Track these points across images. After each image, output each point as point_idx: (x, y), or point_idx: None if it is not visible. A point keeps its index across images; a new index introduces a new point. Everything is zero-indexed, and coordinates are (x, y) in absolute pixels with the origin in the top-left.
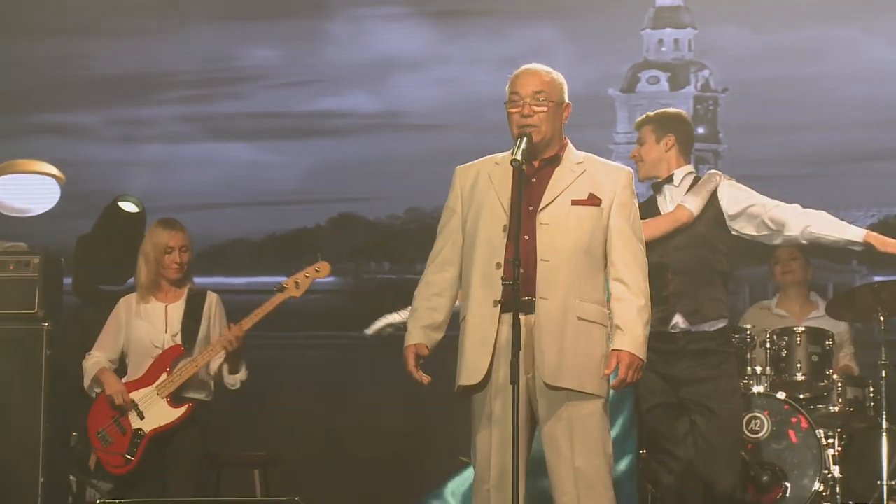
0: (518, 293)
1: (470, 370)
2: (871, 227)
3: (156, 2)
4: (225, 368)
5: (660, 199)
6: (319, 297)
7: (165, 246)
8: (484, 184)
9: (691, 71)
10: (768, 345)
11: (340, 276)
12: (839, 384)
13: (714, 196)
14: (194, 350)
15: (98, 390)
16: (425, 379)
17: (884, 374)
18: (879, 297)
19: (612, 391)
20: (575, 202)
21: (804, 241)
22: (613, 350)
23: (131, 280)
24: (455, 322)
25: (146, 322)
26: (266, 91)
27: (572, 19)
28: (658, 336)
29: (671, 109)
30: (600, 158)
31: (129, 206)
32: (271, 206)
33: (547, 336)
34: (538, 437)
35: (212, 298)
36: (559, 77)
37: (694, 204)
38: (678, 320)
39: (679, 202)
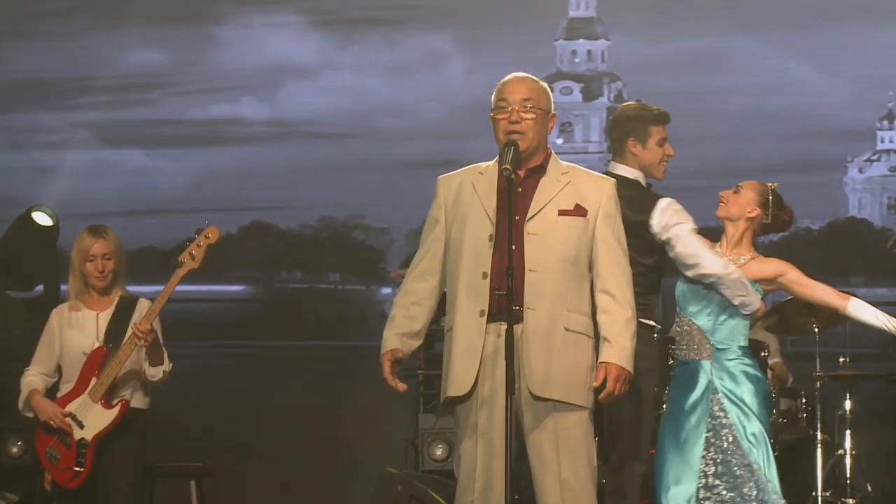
0: (511, 303)
1: (457, 381)
2: (782, 240)
3: (45, 7)
4: (147, 364)
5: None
6: (230, 305)
7: (87, 254)
8: (468, 193)
9: (604, 82)
10: None
11: (251, 284)
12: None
13: None
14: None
15: (30, 414)
16: (401, 387)
17: (818, 385)
18: (813, 309)
19: None
20: (562, 212)
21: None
22: (601, 362)
23: (40, 287)
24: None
25: (77, 331)
26: (166, 97)
27: (479, 29)
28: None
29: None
30: (584, 169)
31: (42, 219)
32: (180, 213)
33: (534, 346)
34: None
35: (143, 305)
36: (546, 86)
37: (866, 315)
38: None
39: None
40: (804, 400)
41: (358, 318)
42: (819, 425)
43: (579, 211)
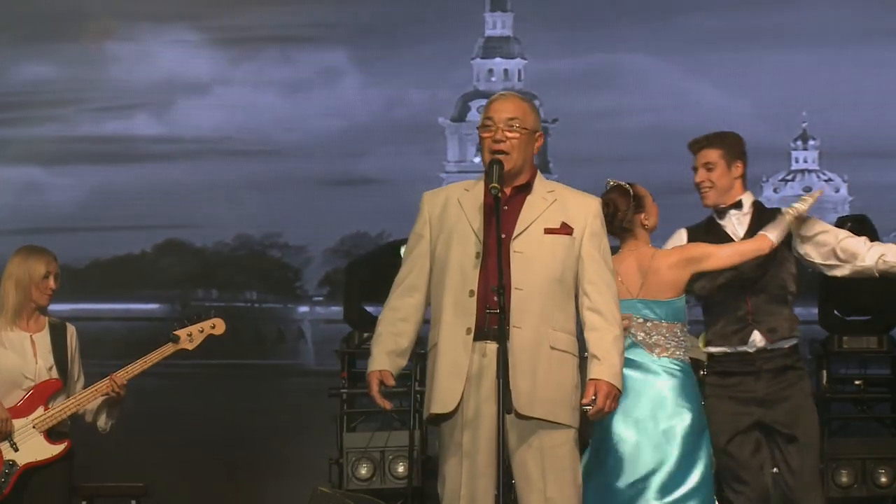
0: (503, 322)
1: (442, 398)
2: None
3: None
4: (104, 415)
5: (725, 224)
6: (145, 324)
7: (43, 272)
8: (454, 210)
9: None
10: None
11: (167, 303)
12: None
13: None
14: (68, 385)
15: None
16: (388, 405)
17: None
18: None
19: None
20: (548, 231)
21: (877, 273)
22: (591, 379)
23: None
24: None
25: (12, 352)
26: (60, 113)
27: (391, 47)
28: (736, 358)
29: (732, 134)
30: (569, 187)
31: None
32: (93, 231)
33: (520, 365)
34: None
35: (72, 331)
36: (534, 106)
37: (775, 235)
38: (756, 338)
39: (761, 232)
40: None
41: (275, 337)
42: None
43: (565, 229)
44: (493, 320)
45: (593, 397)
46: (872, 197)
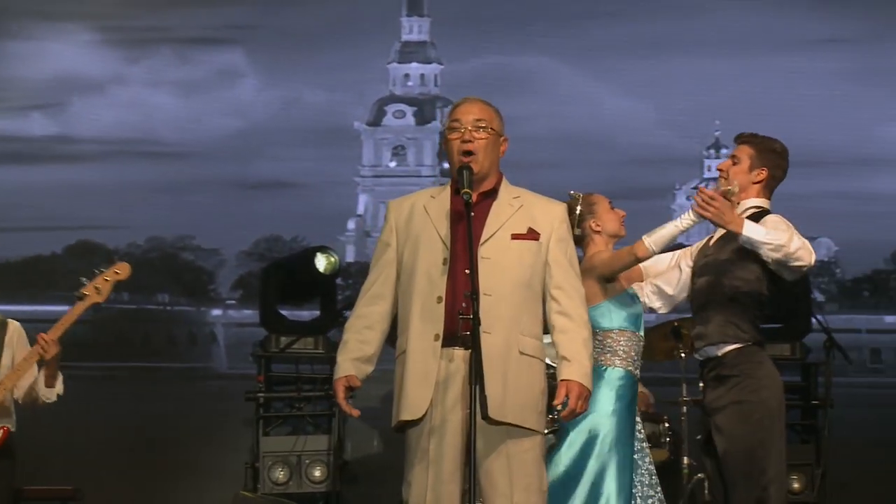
0: (477, 327)
1: (411, 405)
2: None
3: None
4: (41, 381)
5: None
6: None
7: None
8: (420, 217)
9: (437, 106)
10: None
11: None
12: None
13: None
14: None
15: None
16: (355, 413)
17: (684, 410)
18: (679, 334)
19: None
20: (515, 236)
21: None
22: (562, 380)
23: None
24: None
25: None
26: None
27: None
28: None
29: (774, 141)
30: (534, 193)
31: None
32: (1, 232)
33: (490, 370)
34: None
35: (13, 326)
36: (499, 111)
37: (652, 242)
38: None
39: (643, 237)
40: (667, 424)
41: (187, 340)
42: (687, 449)
43: (532, 235)
44: (461, 326)
45: (565, 398)
46: (782, 205)
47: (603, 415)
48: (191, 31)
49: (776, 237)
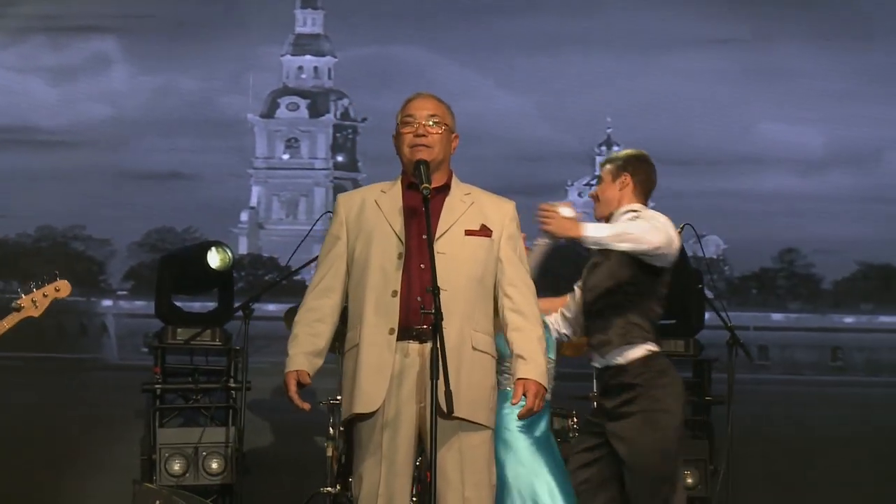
0: (440, 321)
1: (365, 398)
2: None
3: None
4: None
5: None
6: None
7: None
8: (372, 211)
9: (331, 99)
10: None
11: None
12: None
13: None
14: None
15: None
16: (306, 406)
17: (595, 405)
18: None
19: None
20: (468, 232)
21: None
22: (519, 379)
23: None
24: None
25: None
26: None
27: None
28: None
29: (633, 150)
30: (484, 190)
31: None
32: None
33: (438, 365)
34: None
35: None
36: (450, 107)
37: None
38: (592, 356)
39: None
40: (575, 420)
41: (77, 330)
42: None
43: (485, 231)
44: (416, 320)
45: (522, 397)
46: (672, 203)
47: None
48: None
49: (617, 228)
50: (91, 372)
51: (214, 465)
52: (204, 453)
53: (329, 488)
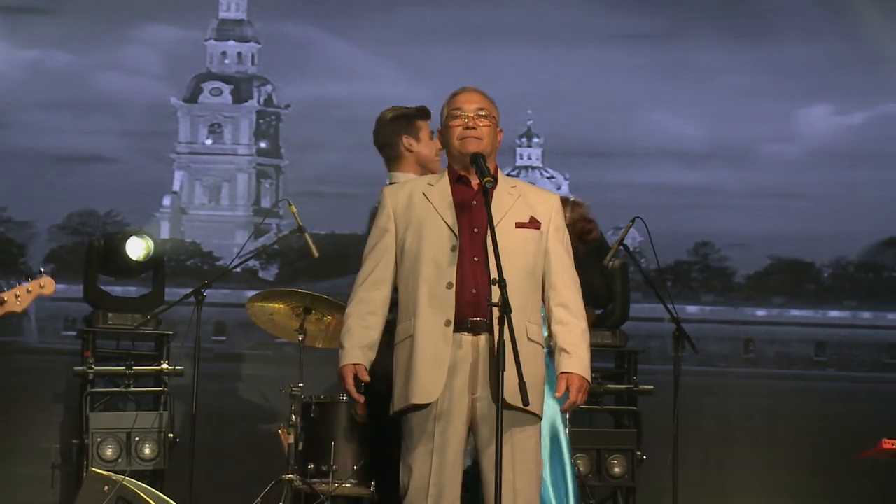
0: (508, 314)
1: (424, 389)
2: None
3: None
4: None
5: None
6: None
7: None
8: (421, 204)
9: (255, 85)
10: None
11: None
12: None
13: None
14: None
15: None
16: (361, 399)
17: None
18: None
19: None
20: (519, 225)
21: None
22: (563, 373)
23: None
24: None
25: None
26: None
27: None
28: None
29: None
30: (528, 183)
31: None
32: None
33: (504, 357)
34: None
35: None
36: (494, 101)
37: None
38: None
39: None
40: None
41: None
42: None
43: (534, 224)
44: (470, 312)
45: (566, 391)
46: (593, 195)
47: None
48: None
49: None
50: (10, 355)
51: (147, 451)
52: (137, 438)
53: (290, 476)
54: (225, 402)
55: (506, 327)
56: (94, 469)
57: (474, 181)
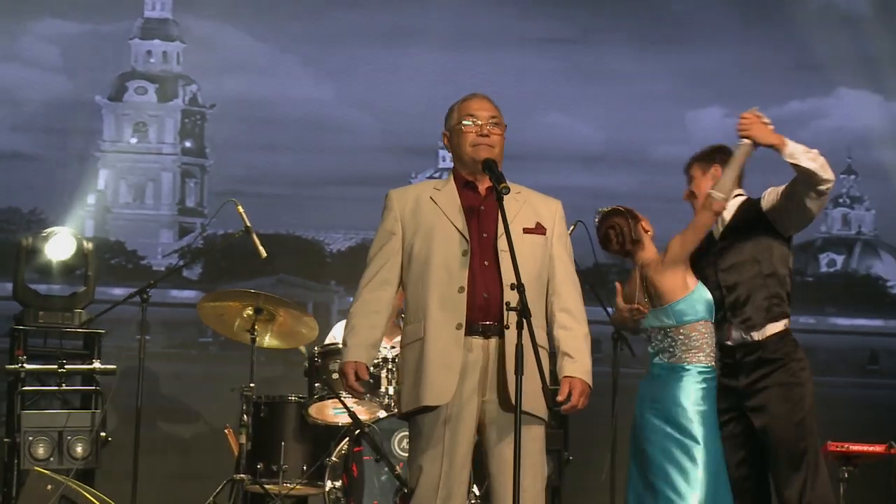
0: (528, 317)
1: (435, 391)
2: (349, 250)
3: None
4: None
5: (714, 229)
6: None
7: None
8: (429, 208)
9: (180, 84)
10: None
11: None
12: None
13: (755, 207)
14: None
15: None
16: (362, 391)
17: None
18: None
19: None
20: (526, 230)
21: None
22: (566, 377)
23: None
24: None
25: None
26: None
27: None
28: (721, 349)
29: (711, 145)
30: (531, 189)
31: None
32: None
33: (511, 360)
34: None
35: None
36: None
37: (721, 191)
38: (732, 333)
39: (707, 191)
40: None
41: None
42: None
43: (540, 229)
44: (481, 316)
45: (568, 394)
46: None
47: (693, 413)
48: None
49: (814, 153)
50: None
51: (79, 450)
52: (69, 437)
53: (242, 475)
54: (155, 400)
55: (525, 331)
56: (37, 468)
57: (481, 186)
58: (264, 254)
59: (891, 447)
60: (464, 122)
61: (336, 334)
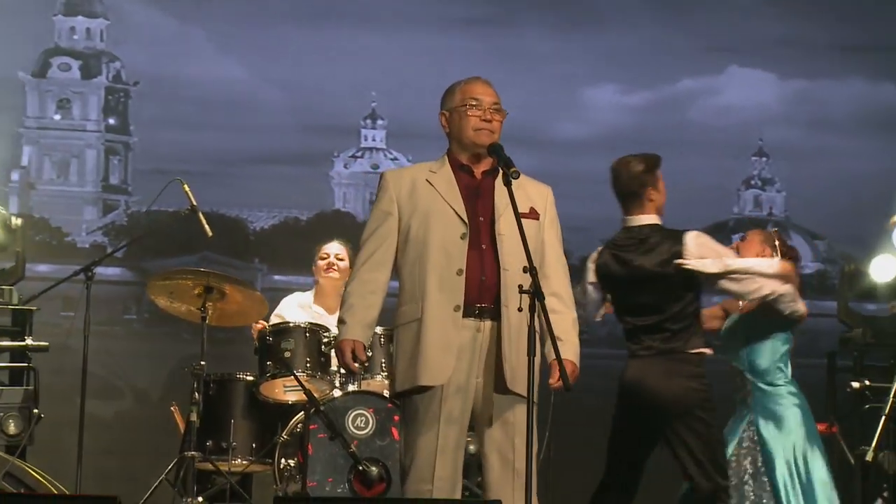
0: (542, 300)
1: (432, 371)
2: (272, 228)
3: None
4: None
5: None
6: None
7: None
8: (425, 190)
9: (103, 61)
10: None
11: None
12: None
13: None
14: None
15: None
16: (357, 369)
17: None
18: None
19: None
20: (521, 215)
21: None
22: (557, 359)
23: None
24: None
25: None
26: None
27: None
28: None
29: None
30: (522, 174)
31: None
32: None
33: (509, 343)
34: None
35: None
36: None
37: None
38: None
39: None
40: None
41: None
42: None
43: (533, 214)
44: (478, 298)
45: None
46: None
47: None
48: None
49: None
50: None
51: (12, 427)
52: (1, 414)
53: (193, 452)
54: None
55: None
56: (3, 455)
57: (477, 170)
58: (210, 233)
59: (832, 425)
60: (467, 105)
61: (283, 312)
